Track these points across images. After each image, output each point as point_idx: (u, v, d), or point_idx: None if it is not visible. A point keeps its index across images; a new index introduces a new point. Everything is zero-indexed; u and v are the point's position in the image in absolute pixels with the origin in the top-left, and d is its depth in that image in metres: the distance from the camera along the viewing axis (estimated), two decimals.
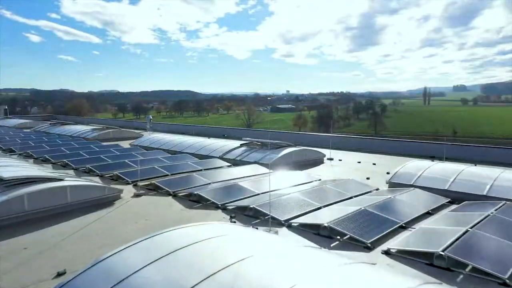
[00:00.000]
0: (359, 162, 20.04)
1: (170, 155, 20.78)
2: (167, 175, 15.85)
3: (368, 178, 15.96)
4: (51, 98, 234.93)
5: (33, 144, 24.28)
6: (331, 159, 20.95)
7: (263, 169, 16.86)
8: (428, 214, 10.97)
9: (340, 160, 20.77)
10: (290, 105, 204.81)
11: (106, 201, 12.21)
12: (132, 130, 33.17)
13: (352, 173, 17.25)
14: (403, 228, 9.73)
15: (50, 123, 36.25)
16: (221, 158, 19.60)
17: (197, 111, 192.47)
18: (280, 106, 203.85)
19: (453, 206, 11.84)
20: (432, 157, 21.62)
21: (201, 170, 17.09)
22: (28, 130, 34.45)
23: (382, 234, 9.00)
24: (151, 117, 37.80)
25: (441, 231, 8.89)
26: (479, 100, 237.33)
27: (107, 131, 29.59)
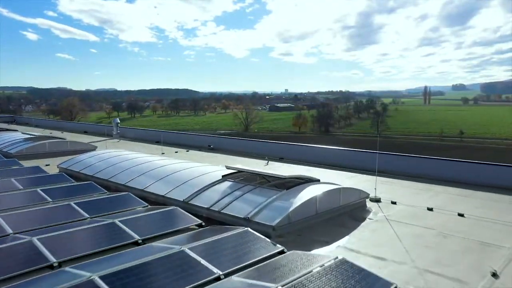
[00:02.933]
0: (431, 210, 11.08)
1: (100, 195, 11.80)
2: (40, 268, 6.89)
3: (495, 275, 7.03)
4: (49, 97, 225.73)
5: None
6: (377, 200, 11.99)
7: (263, 245, 7.91)
8: None
9: (393, 203, 11.80)
10: (289, 104, 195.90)
11: None
12: (83, 141, 24.11)
13: (443, 250, 8.27)
14: None
15: None
16: (186, 204, 10.63)
17: (194, 110, 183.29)
18: (278, 105, 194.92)
19: None
20: None
21: (136, 241, 8.15)
22: None
23: None
24: (119, 121, 28.91)
25: None
26: (479, 99, 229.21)
27: (43, 142, 20.52)
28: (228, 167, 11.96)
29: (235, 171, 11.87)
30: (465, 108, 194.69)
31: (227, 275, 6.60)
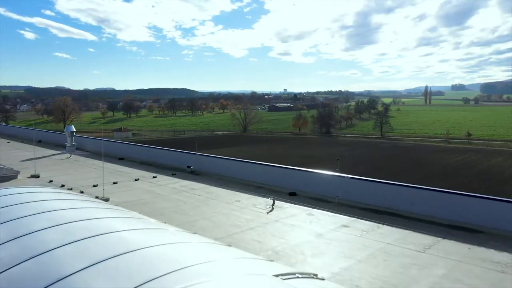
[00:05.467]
0: None
1: None
2: None
3: None
4: (47, 96, 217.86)
5: None
6: None
7: None
8: None
9: None
10: (288, 104, 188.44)
11: None
12: (19, 157, 16.74)
13: None
14: None
15: None
16: None
17: (191, 110, 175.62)
18: (278, 105, 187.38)
19: None
20: None
21: None
22: None
23: None
24: (74, 129, 21.46)
25: None
26: (480, 100, 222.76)
27: None
28: None
29: None
30: (467, 108, 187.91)
31: None
